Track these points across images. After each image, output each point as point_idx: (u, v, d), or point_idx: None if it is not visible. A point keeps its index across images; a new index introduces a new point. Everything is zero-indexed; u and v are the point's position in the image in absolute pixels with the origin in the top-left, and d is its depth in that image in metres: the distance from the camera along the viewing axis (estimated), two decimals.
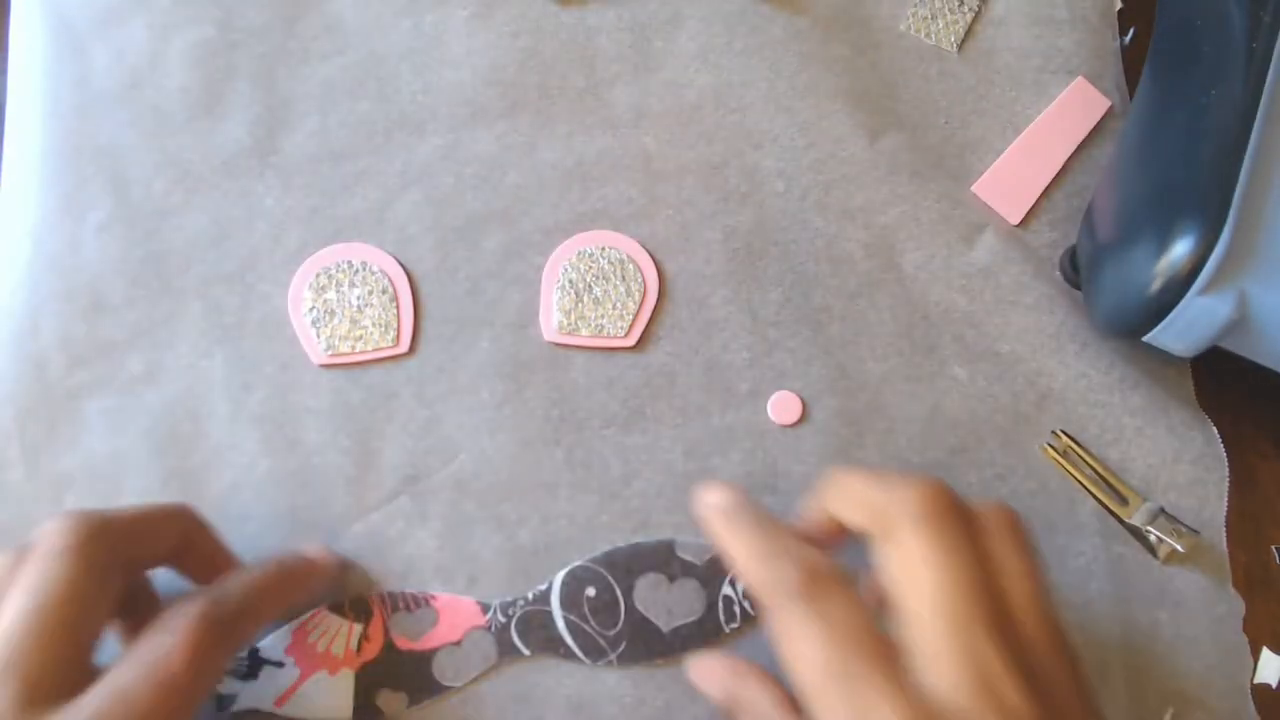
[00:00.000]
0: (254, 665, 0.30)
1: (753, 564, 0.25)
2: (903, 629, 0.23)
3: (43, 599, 0.24)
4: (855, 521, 0.26)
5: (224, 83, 0.36)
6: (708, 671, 0.29)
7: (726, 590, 0.31)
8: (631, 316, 0.34)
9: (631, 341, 0.34)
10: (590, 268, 0.35)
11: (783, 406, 0.34)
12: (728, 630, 0.31)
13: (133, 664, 0.24)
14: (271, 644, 0.30)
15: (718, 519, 0.27)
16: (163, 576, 0.29)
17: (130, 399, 0.33)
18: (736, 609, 0.31)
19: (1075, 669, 0.24)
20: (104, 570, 0.25)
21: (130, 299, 0.34)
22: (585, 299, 0.34)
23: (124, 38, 0.36)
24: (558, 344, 0.34)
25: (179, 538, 0.28)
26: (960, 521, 0.24)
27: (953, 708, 0.22)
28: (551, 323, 0.34)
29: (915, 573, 0.23)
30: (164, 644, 0.24)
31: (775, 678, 0.26)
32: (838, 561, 0.25)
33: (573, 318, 0.34)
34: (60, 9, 0.36)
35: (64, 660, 0.24)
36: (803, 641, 0.23)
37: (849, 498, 0.26)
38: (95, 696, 0.23)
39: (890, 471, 0.26)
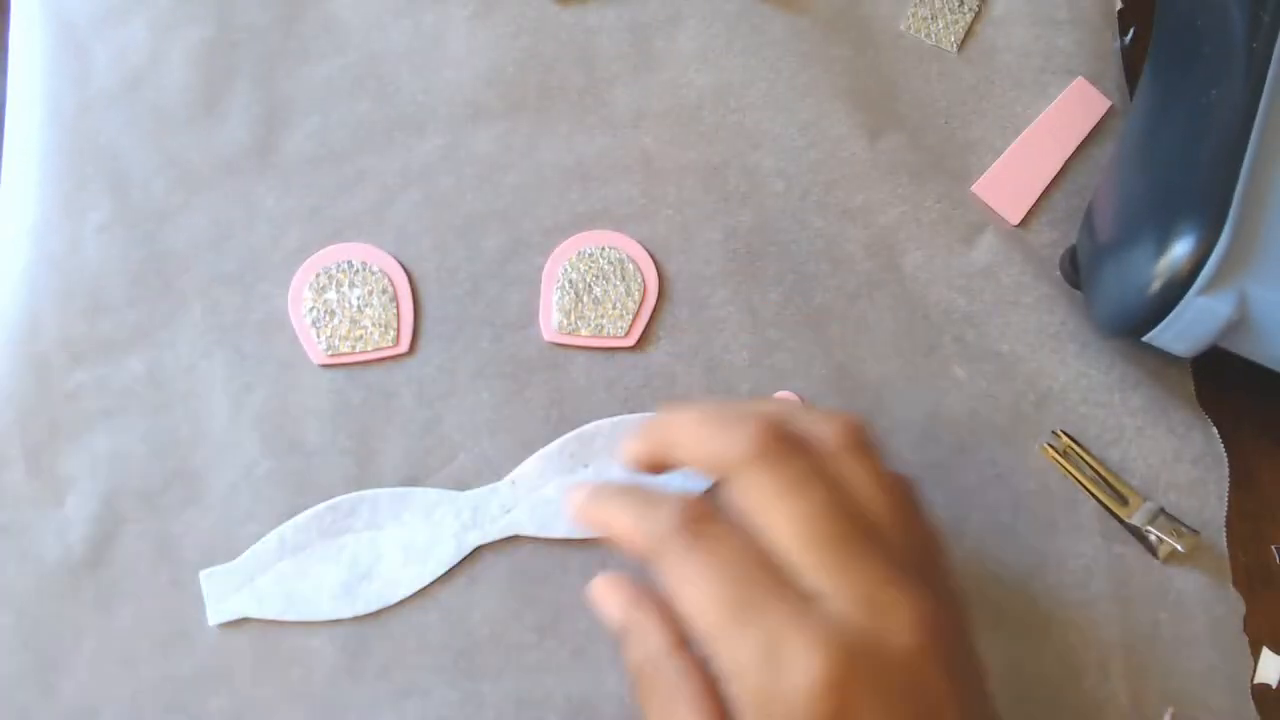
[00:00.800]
0: None
1: (628, 526, 0.25)
2: (790, 566, 0.23)
3: None
4: (694, 466, 0.25)
5: (224, 82, 0.36)
6: (609, 592, 0.27)
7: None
8: (631, 316, 0.34)
9: (631, 341, 0.34)
10: (590, 268, 0.35)
11: None
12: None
13: None
14: None
15: (585, 507, 0.27)
16: None
17: (130, 399, 0.33)
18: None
19: (944, 559, 0.25)
20: None
21: (130, 299, 0.34)
22: (585, 299, 0.34)
23: (124, 37, 0.36)
24: (558, 344, 0.34)
25: None
26: (799, 450, 0.24)
27: (853, 627, 0.22)
28: (551, 323, 0.34)
29: (772, 508, 0.23)
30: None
31: (676, 618, 0.25)
32: (711, 501, 0.24)
33: (573, 318, 0.34)
34: (60, 9, 0.36)
35: None
36: (694, 584, 0.23)
37: (681, 444, 0.25)
38: None
39: (718, 406, 0.26)
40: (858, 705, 0.21)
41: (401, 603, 0.31)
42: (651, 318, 0.34)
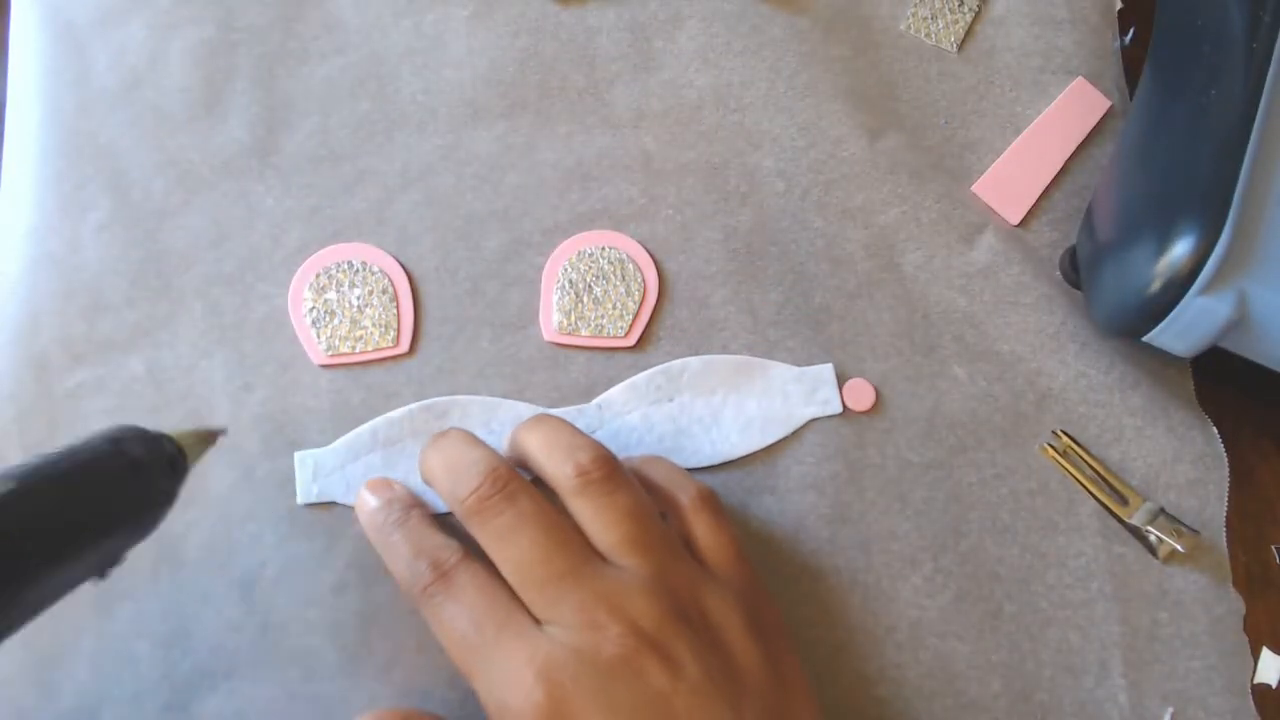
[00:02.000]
0: None
1: (394, 567, 0.29)
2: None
3: None
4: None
5: (224, 82, 0.36)
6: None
7: None
8: (631, 316, 0.34)
9: (631, 341, 0.34)
10: (590, 268, 0.35)
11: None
12: None
13: None
14: None
15: (371, 530, 0.30)
16: None
17: (130, 399, 0.33)
18: None
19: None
20: None
21: (130, 299, 0.34)
22: (585, 299, 0.34)
23: (124, 37, 0.36)
24: (558, 344, 0.34)
25: None
26: (512, 499, 0.27)
27: (569, 645, 0.25)
28: (551, 323, 0.34)
29: (494, 555, 0.27)
30: None
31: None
32: (457, 542, 0.28)
33: (573, 318, 0.34)
34: (60, 9, 0.36)
35: None
36: (440, 629, 0.27)
37: (431, 479, 0.29)
38: None
39: (464, 441, 0.29)
40: (577, 711, 0.24)
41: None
42: (652, 318, 0.34)
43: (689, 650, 0.25)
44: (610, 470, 0.28)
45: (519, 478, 0.28)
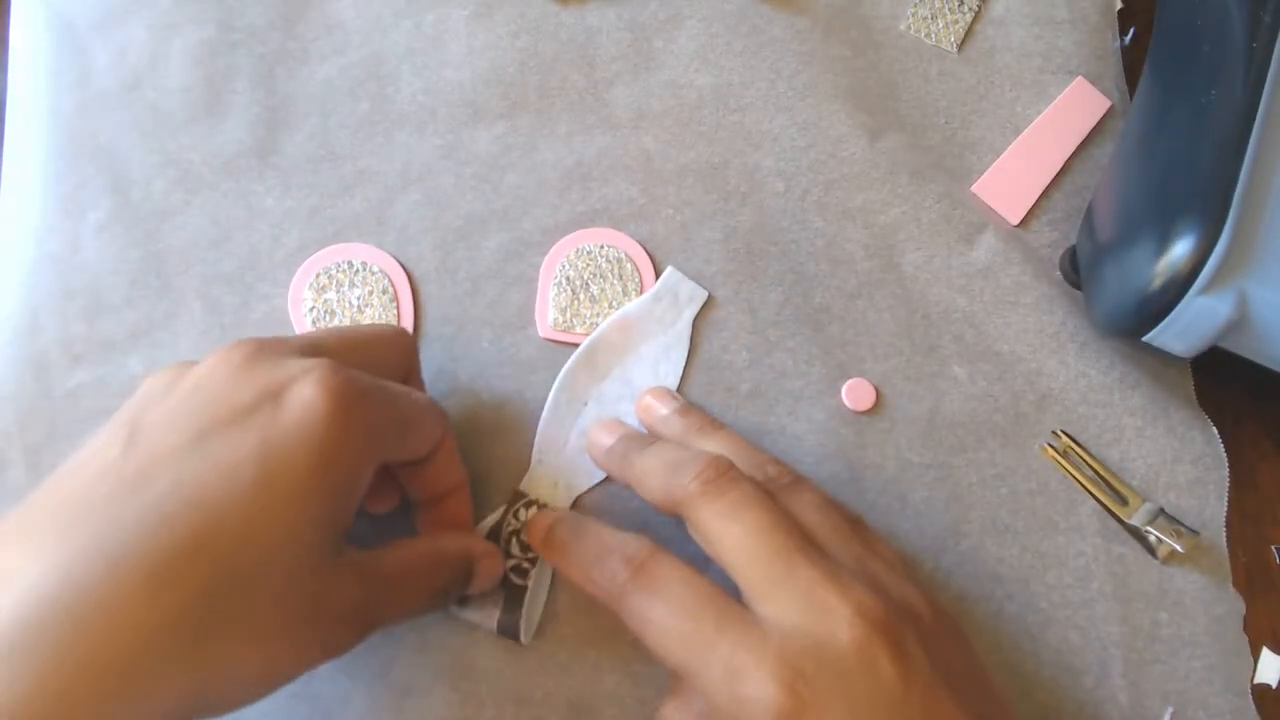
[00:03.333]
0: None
1: (579, 572, 0.27)
2: (736, 584, 0.25)
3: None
4: (651, 504, 0.28)
5: (224, 83, 0.36)
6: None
7: (509, 562, 0.31)
8: None
9: None
10: (588, 265, 0.35)
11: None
12: (531, 584, 0.31)
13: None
14: None
15: (606, 464, 0.31)
16: None
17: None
18: (525, 565, 0.31)
19: (888, 560, 0.28)
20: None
21: (130, 299, 0.34)
22: (582, 296, 0.34)
23: (124, 38, 0.36)
24: (553, 340, 0.34)
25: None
26: (737, 480, 0.27)
27: (796, 634, 0.24)
28: (547, 319, 0.34)
29: (718, 537, 0.26)
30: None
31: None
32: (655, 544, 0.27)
33: (568, 315, 0.34)
34: (60, 9, 0.36)
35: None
36: (648, 626, 0.25)
37: (638, 486, 0.29)
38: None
39: (669, 448, 0.29)
40: (817, 704, 0.23)
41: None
42: None
43: (914, 638, 0.24)
44: (797, 476, 0.29)
45: (738, 467, 0.28)
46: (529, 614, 0.30)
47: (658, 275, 0.35)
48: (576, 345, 0.34)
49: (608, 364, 0.33)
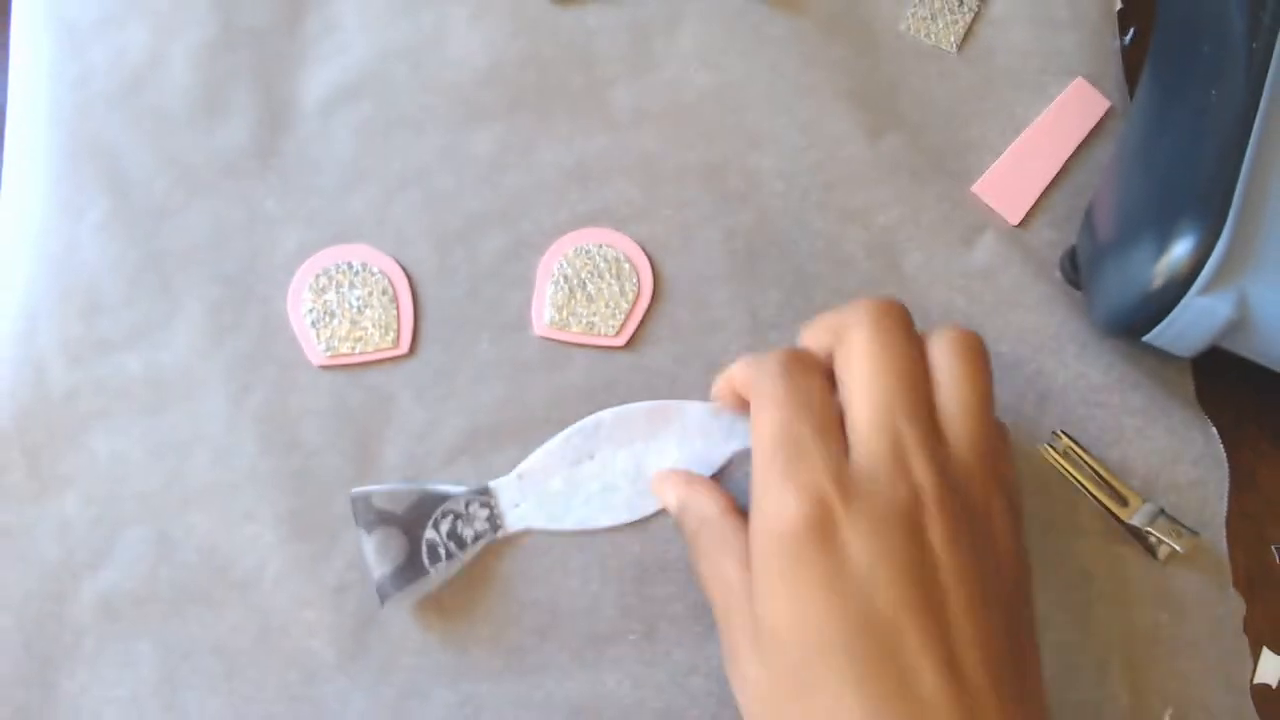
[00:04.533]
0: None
1: (743, 370, 0.29)
2: (849, 418, 0.26)
3: None
4: (823, 345, 0.28)
5: (225, 84, 0.36)
6: (664, 481, 0.32)
7: (429, 534, 0.31)
8: (624, 316, 0.34)
9: (622, 341, 0.34)
10: (586, 264, 0.35)
11: None
12: (432, 571, 0.31)
13: None
14: None
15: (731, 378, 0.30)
16: None
17: (129, 400, 0.33)
18: (441, 550, 0.31)
19: (998, 478, 0.27)
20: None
21: (129, 299, 0.34)
22: (579, 295, 0.34)
23: (124, 38, 0.36)
24: (548, 339, 0.34)
25: None
26: (902, 325, 0.27)
27: (866, 475, 0.25)
28: (544, 317, 0.34)
29: (854, 363, 0.26)
30: None
31: (723, 489, 0.30)
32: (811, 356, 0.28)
33: (564, 314, 0.34)
34: (60, 9, 0.36)
35: None
36: (764, 411, 0.26)
37: (817, 328, 0.29)
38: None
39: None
40: (839, 525, 0.24)
41: (401, 604, 0.31)
42: (652, 319, 0.34)
43: (968, 529, 0.25)
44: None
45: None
46: (409, 592, 0.30)
47: (659, 276, 0.35)
48: (572, 344, 0.34)
49: (631, 437, 0.33)
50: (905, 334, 0.27)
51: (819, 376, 0.27)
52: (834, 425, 0.26)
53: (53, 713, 0.30)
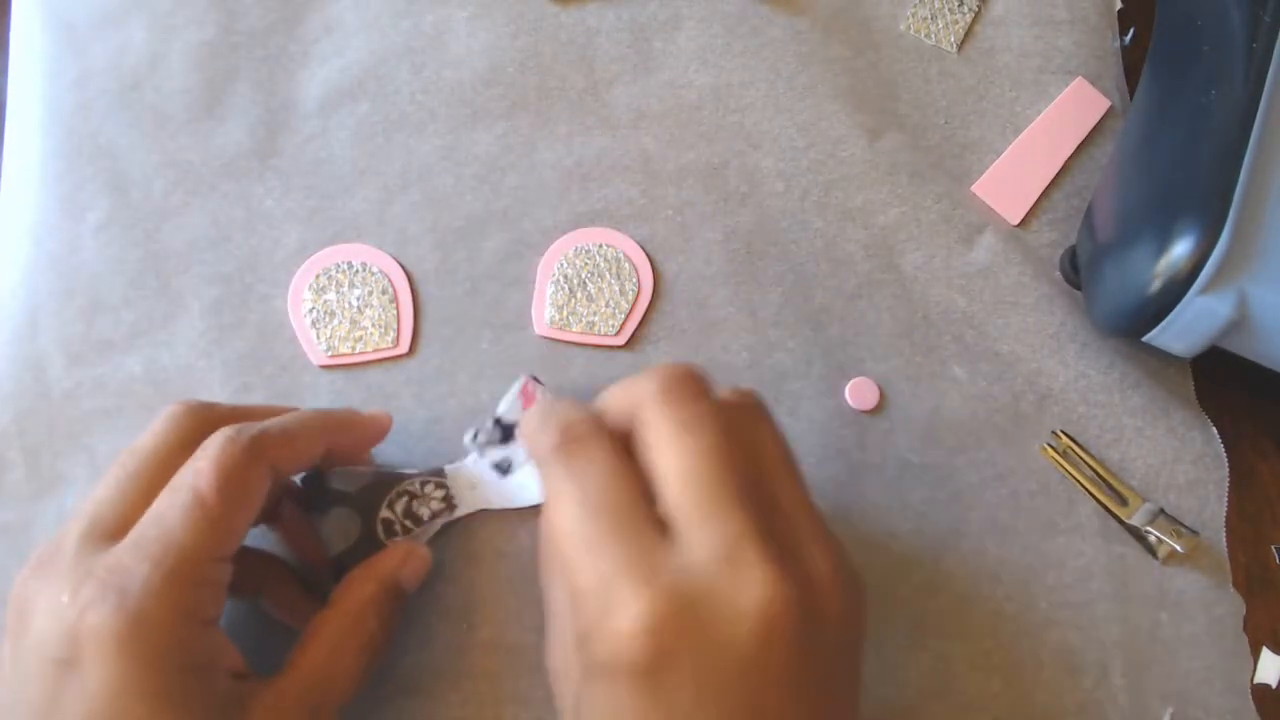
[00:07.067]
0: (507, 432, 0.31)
1: (527, 429, 0.26)
2: (663, 503, 0.23)
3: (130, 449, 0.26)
4: (614, 415, 0.25)
5: (224, 84, 0.36)
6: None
7: (384, 513, 0.31)
8: (624, 316, 0.34)
9: (622, 341, 0.34)
10: (586, 264, 0.35)
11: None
12: (389, 545, 0.30)
13: (169, 489, 0.25)
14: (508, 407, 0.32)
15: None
16: None
17: (129, 399, 0.33)
18: (397, 527, 0.31)
19: (825, 534, 0.24)
20: (191, 434, 0.26)
21: (129, 299, 0.34)
22: (579, 295, 0.34)
23: (124, 38, 0.36)
24: (548, 338, 0.34)
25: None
26: (703, 395, 0.24)
27: (698, 577, 0.21)
28: (544, 317, 0.34)
29: (666, 443, 0.24)
30: (194, 468, 0.25)
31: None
32: (598, 422, 0.25)
33: (564, 313, 0.34)
34: (60, 9, 0.36)
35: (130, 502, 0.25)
36: (557, 507, 0.24)
37: (609, 400, 0.26)
38: (139, 524, 0.24)
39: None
40: (677, 657, 0.21)
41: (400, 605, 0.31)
42: (652, 318, 0.34)
43: (813, 625, 0.22)
44: (761, 401, 0.27)
45: (708, 383, 0.26)
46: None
47: (659, 276, 0.35)
48: (573, 344, 0.34)
49: None
50: (705, 406, 0.24)
51: (607, 451, 0.24)
52: (642, 519, 0.23)
53: None
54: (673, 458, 0.23)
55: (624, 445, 0.25)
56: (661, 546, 0.22)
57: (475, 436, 0.32)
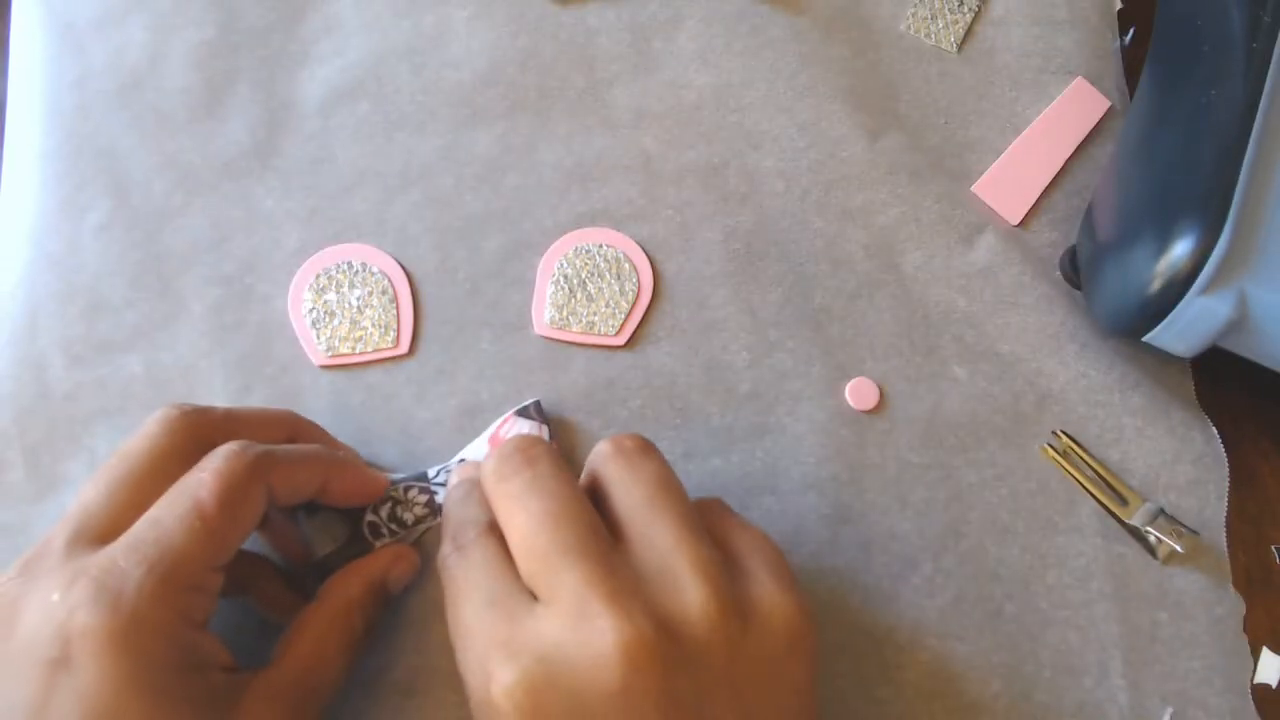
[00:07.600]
0: None
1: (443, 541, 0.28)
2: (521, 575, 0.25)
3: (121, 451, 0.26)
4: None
5: (225, 84, 0.36)
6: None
7: (370, 517, 0.31)
8: (624, 316, 0.34)
9: (621, 341, 0.34)
10: (586, 264, 0.35)
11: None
12: (377, 546, 0.31)
13: (169, 496, 0.25)
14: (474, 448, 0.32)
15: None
16: None
17: (129, 399, 0.33)
18: (383, 530, 0.31)
19: (704, 563, 0.24)
20: (184, 439, 0.26)
21: (129, 300, 0.34)
22: (579, 294, 0.34)
23: (124, 38, 0.36)
24: (548, 338, 0.34)
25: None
26: (528, 464, 0.26)
27: (557, 636, 0.23)
28: (544, 316, 0.34)
29: (505, 522, 0.25)
30: (196, 478, 0.25)
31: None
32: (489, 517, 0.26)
33: (564, 313, 0.34)
34: (60, 9, 0.36)
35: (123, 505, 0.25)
36: (447, 605, 0.26)
37: (482, 486, 0.27)
38: (134, 527, 0.24)
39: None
40: (550, 711, 0.22)
41: (400, 604, 0.31)
42: (652, 318, 0.34)
43: (676, 673, 0.22)
44: (646, 444, 0.27)
45: (550, 446, 0.27)
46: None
47: (659, 276, 0.35)
48: (573, 344, 0.34)
49: None
50: (529, 467, 0.26)
51: (486, 545, 0.26)
52: (512, 601, 0.24)
53: None
54: (513, 531, 0.25)
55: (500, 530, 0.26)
56: (531, 616, 0.23)
57: (438, 475, 0.32)
